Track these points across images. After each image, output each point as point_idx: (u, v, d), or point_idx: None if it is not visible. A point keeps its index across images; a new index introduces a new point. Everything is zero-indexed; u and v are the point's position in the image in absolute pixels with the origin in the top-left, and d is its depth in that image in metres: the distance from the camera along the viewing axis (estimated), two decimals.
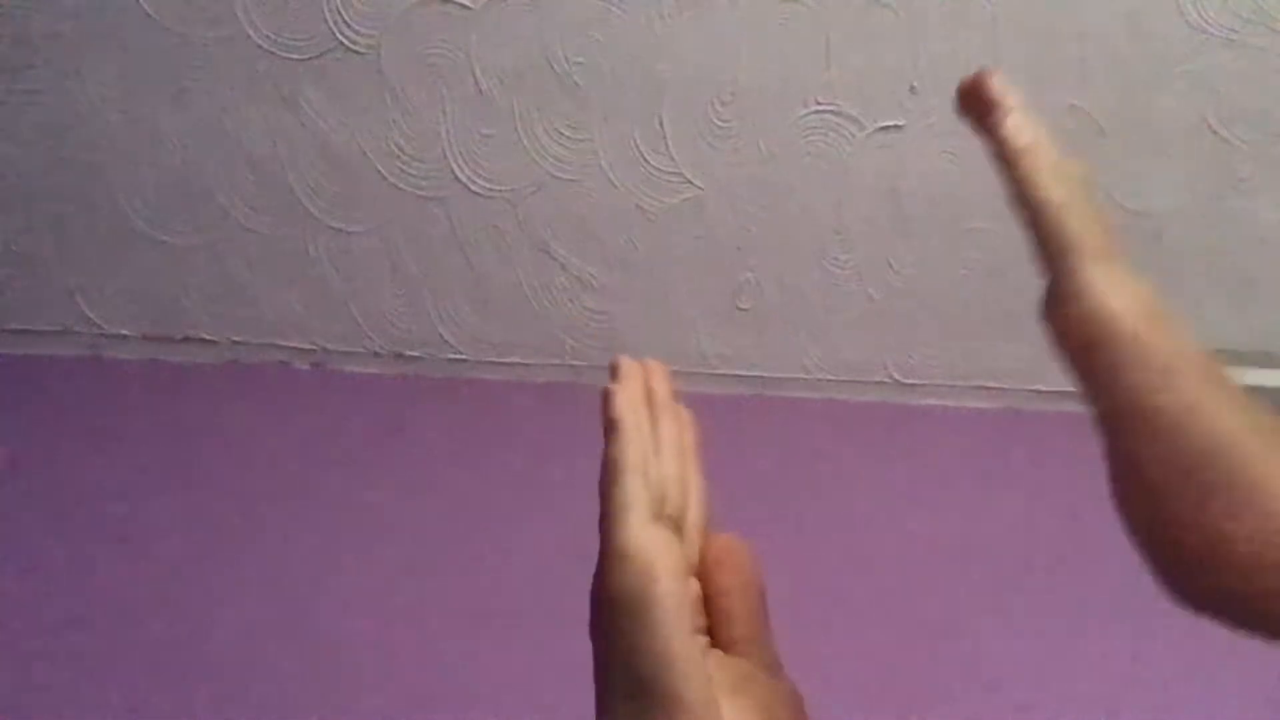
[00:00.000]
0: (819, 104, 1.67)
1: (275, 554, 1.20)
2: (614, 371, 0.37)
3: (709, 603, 0.33)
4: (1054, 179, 0.40)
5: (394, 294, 1.76)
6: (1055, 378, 1.49)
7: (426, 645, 1.05)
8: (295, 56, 1.62)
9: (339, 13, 1.60)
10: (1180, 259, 1.76)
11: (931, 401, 1.81)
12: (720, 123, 1.67)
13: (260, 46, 1.61)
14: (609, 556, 0.30)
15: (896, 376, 1.84)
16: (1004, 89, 0.42)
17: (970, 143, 0.44)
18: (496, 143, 1.68)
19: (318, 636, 1.05)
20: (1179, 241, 1.74)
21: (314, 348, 1.80)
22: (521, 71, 1.64)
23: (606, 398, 0.35)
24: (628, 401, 0.35)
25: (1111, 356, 0.35)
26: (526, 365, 1.81)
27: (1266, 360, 1.80)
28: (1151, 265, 1.63)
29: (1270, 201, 1.72)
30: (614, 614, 0.30)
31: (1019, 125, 0.41)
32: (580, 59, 1.63)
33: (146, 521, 1.25)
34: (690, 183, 1.70)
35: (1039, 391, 1.83)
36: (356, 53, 1.62)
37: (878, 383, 1.84)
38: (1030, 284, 0.45)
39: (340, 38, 1.61)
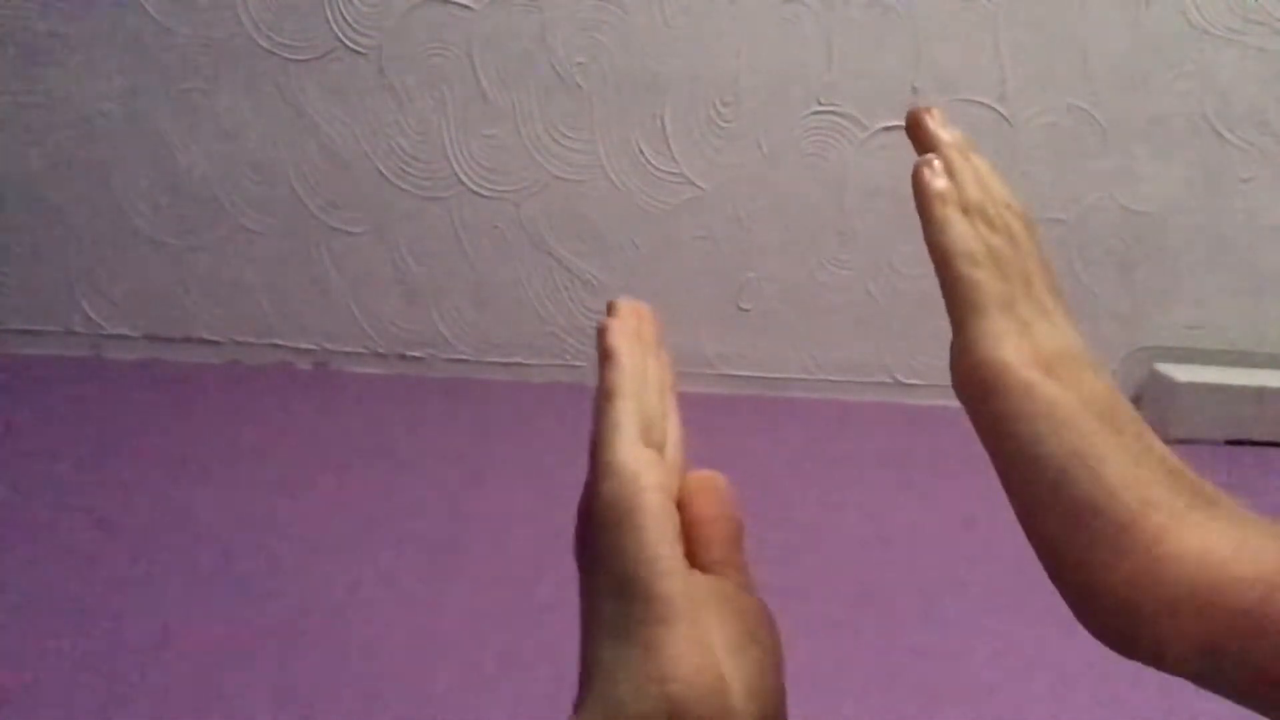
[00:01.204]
0: (820, 104, 1.67)
1: (276, 554, 1.20)
2: (611, 309, 0.39)
3: (687, 531, 0.33)
4: (961, 227, 0.39)
5: (395, 294, 1.76)
6: None
7: (427, 644, 1.05)
8: (297, 57, 1.62)
9: (340, 13, 1.60)
10: (1182, 259, 1.76)
11: (931, 401, 1.82)
12: (721, 123, 1.68)
13: (262, 47, 1.61)
14: (599, 471, 0.32)
15: (897, 376, 1.84)
16: (937, 126, 0.41)
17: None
18: (497, 143, 1.68)
19: (317, 636, 1.05)
20: (1180, 241, 1.74)
21: (315, 348, 1.80)
22: (522, 71, 1.64)
23: (603, 330, 0.37)
24: (623, 334, 0.37)
25: (1001, 407, 0.35)
26: (527, 365, 1.81)
27: (1269, 361, 1.80)
28: (1153, 265, 1.61)
29: (1271, 201, 1.73)
30: (601, 523, 0.31)
31: (934, 171, 0.40)
32: (581, 59, 1.64)
33: (146, 521, 1.25)
34: (691, 183, 1.71)
35: None
36: (358, 53, 1.63)
37: (878, 383, 1.84)
38: None
39: (341, 38, 1.61)
